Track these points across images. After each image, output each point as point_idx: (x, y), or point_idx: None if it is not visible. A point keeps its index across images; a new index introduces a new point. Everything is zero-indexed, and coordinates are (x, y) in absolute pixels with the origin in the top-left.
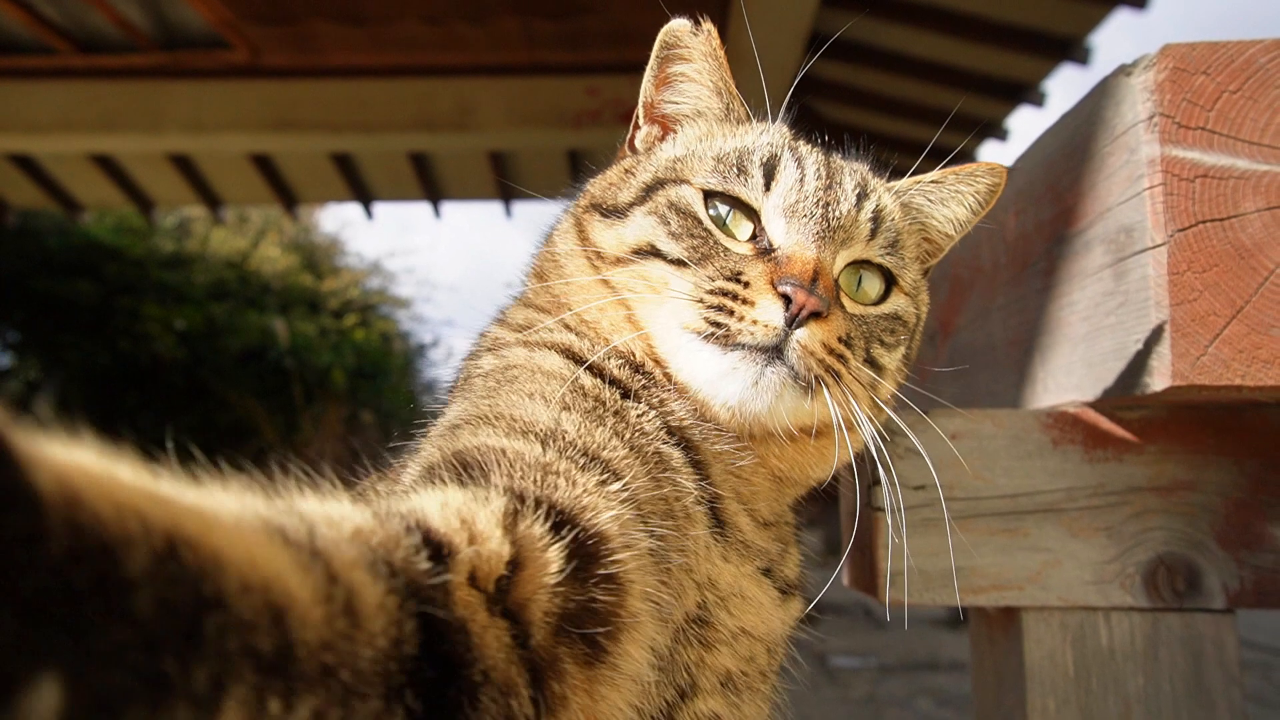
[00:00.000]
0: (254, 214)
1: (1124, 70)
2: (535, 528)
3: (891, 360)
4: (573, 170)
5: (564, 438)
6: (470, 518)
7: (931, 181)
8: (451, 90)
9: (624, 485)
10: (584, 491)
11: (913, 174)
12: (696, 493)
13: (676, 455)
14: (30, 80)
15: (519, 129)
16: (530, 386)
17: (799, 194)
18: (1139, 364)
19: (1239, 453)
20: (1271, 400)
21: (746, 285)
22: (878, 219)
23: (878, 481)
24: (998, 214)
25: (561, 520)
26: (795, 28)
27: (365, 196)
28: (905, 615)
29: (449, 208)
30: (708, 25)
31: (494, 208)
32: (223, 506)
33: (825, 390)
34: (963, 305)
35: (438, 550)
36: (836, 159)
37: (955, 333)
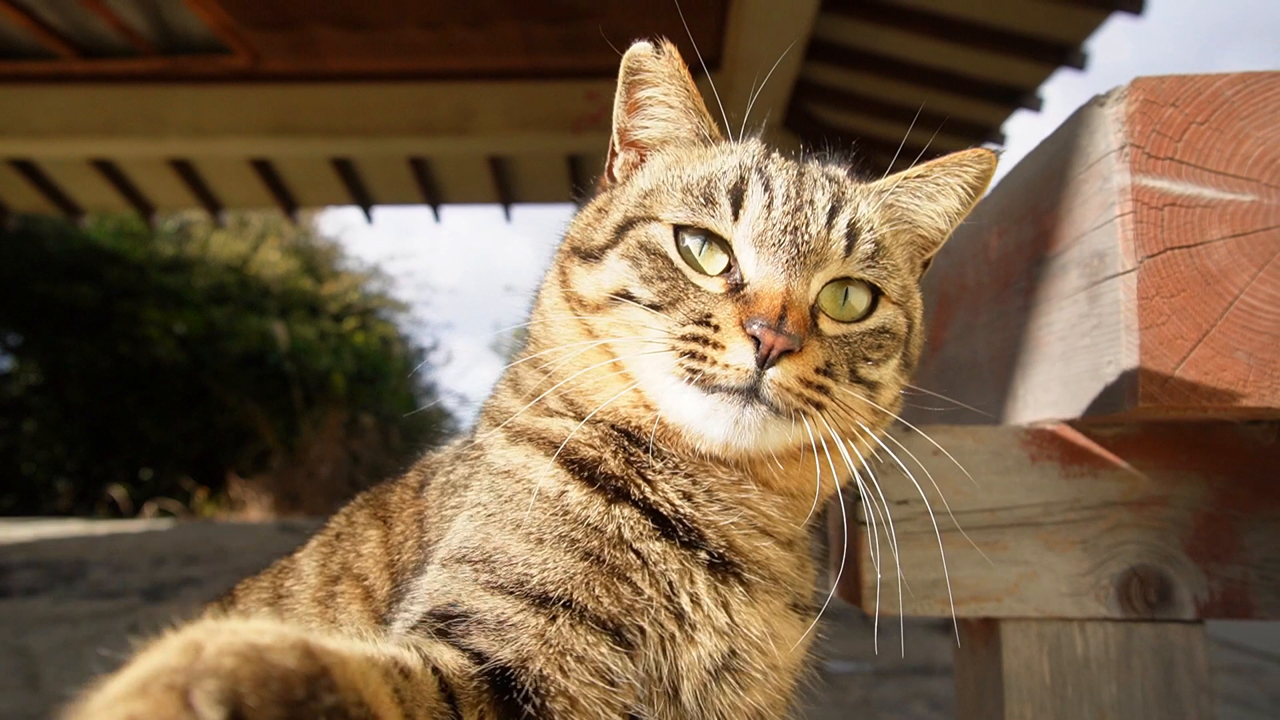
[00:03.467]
0: (254, 218)
1: (1098, 101)
2: (495, 698)
3: (883, 374)
4: (572, 174)
5: (525, 587)
6: (465, 682)
7: (917, 176)
8: (451, 95)
9: (590, 617)
10: (550, 662)
11: (891, 171)
12: (680, 570)
13: (656, 549)
14: (31, 85)
15: (518, 133)
16: (519, 515)
17: (766, 222)
18: (1111, 384)
19: (1209, 468)
20: (1236, 419)
21: (716, 329)
22: (853, 233)
23: (860, 496)
24: (982, 234)
25: (522, 692)
26: (793, 33)
27: (365, 201)
28: (900, 622)
29: (448, 211)
30: (668, 47)
31: (494, 211)
32: (382, 680)
33: (807, 420)
34: (950, 321)
35: (452, 700)
36: (812, 170)
37: (943, 347)
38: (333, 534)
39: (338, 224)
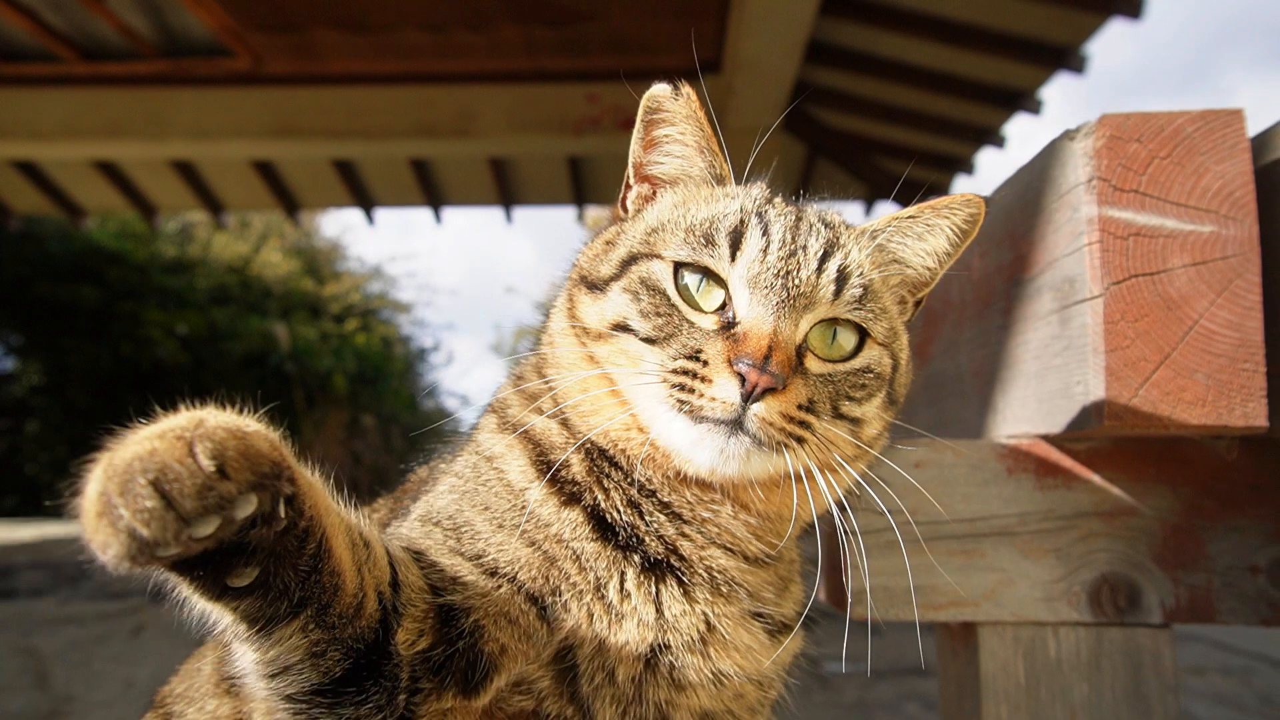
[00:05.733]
0: (256, 219)
1: (1068, 135)
2: (437, 625)
3: (865, 410)
4: (573, 175)
5: (481, 560)
6: (417, 596)
7: (908, 218)
8: (452, 97)
9: (525, 591)
10: (489, 618)
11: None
12: (608, 569)
13: (590, 549)
14: (35, 87)
15: (520, 135)
16: (489, 499)
17: (761, 265)
18: (1080, 403)
19: (1176, 480)
20: (1197, 436)
21: (705, 364)
22: (843, 278)
23: (846, 506)
24: (965, 254)
25: (459, 629)
26: (793, 36)
27: (366, 202)
28: (869, 624)
29: (450, 212)
30: (686, 89)
31: (495, 212)
32: (342, 526)
33: (788, 453)
34: (936, 336)
35: (396, 602)
36: (809, 215)
37: (929, 361)
38: None
39: (339, 225)
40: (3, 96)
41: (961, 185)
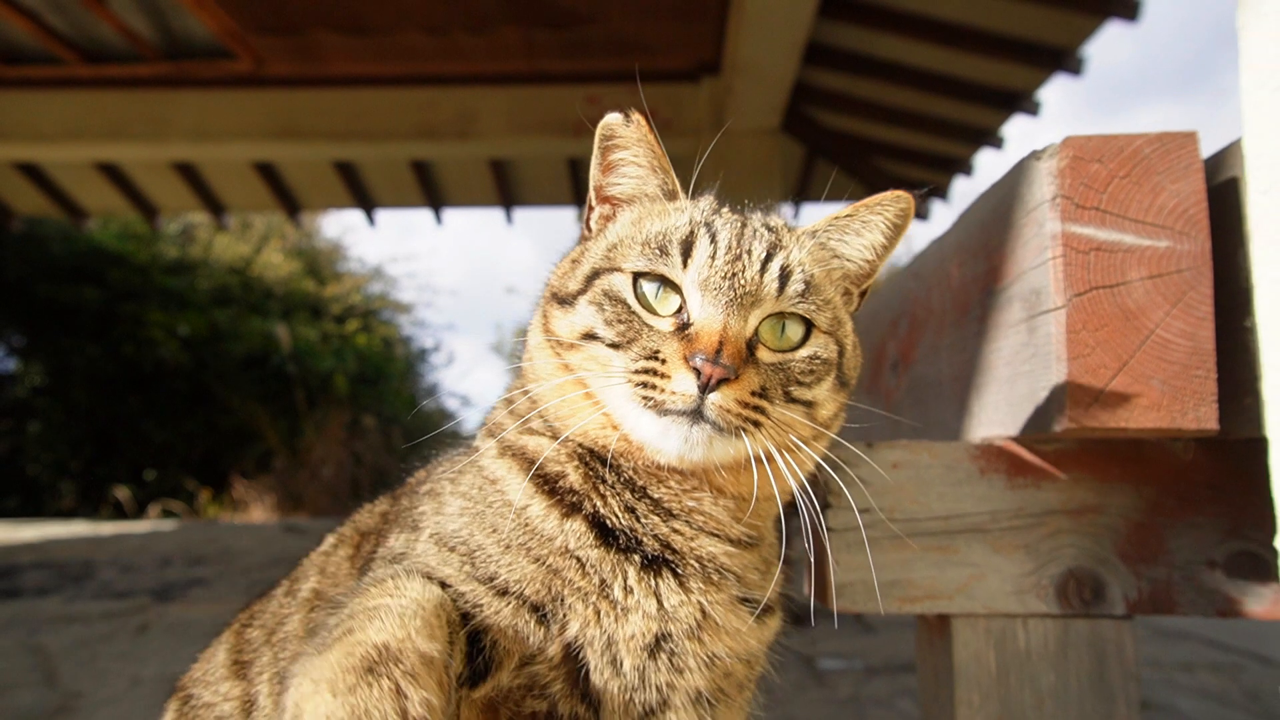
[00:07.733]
0: (257, 220)
1: (1035, 155)
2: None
3: (816, 393)
4: (573, 177)
5: (494, 582)
6: (458, 630)
7: (846, 216)
8: (453, 99)
9: (529, 603)
10: (500, 631)
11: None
12: (612, 570)
13: (594, 555)
14: (37, 90)
15: (520, 137)
16: (497, 521)
17: (710, 269)
18: (1045, 407)
19: (1139, 480)
20: (1153, 439)
21: (664, 362)
22: (785, 275)
23: (827, 505)
24: (945, 263)
25: (480, 644)
26: (792, 38)
27: (367, 203)
28: (837, 618)
29: (450, 213)
30: (636, 116)
31: (495, 213)
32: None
33: (747, 436)
34: (919, 341)
35: (453, 656)
36: (754, 221)
37: (913, 365)
38: (356, 516)
39: (340, 226)
40: (5, 98)
41: (960, 186)
